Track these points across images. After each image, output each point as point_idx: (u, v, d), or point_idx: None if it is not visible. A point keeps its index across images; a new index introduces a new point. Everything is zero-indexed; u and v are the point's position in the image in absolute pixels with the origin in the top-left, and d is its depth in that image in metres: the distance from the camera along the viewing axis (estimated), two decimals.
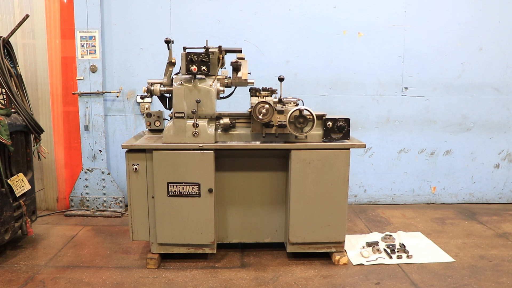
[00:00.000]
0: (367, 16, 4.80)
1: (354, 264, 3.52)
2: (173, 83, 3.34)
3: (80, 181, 4.80)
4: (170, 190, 3.31)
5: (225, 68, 3.54)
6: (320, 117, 3.41)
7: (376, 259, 3.58)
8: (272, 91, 3.44)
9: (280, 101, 3.43)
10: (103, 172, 4.79)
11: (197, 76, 3.35)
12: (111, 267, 3.47)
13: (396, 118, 5.02)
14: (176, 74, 3.48)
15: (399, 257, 3.61)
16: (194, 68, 3.26)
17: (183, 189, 3.31)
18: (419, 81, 4.96)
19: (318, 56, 4.85)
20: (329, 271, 3.40)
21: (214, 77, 3.35)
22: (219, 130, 3.41)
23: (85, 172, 4.79)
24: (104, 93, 4.68)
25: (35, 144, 4.01)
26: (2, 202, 3.45)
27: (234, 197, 3.58)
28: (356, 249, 3.75)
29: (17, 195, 3.64)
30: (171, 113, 3.42)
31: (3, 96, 3.88)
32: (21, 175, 3.73)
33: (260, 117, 3.25)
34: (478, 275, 3.36)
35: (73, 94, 4.65)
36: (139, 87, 4.74)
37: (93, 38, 4.58)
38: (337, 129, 3.37)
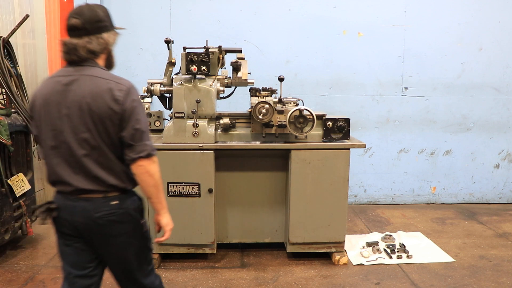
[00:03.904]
0: (367, 16, 4.80)
1: (354, 264, 3.52)
2: (173, 83, 3.34)
3: None
4: (170, 190, 3.31)
5: (225, 68, 3.54)
6: (320, 117, 3.41)
7: (376, 259, 3.58)
8: (272, 91, 3.44)
9: (280, 101, 3.43)
10: None
11: (197, 76, 3.35)
12: None
13: (396, 118, 5.02)
14: (176, 74, 3.48)
15: (399, 257, 3.61)
16: (194, 68, 3.26)
17: (183, 189, 3.31)
18: (419, 81, 4.96)
19: (318, 56, 4.85)
20: (329, 271, 3.40)
21: (214, 77, 3.35)
22: (219, 130, 3.41)
23: None
24: None
25: (35, 144, 4.01)
26: (2, 202, 3.45)
27: (234, 197, 3.57)
28: (356, 249, 3.75)
29: (17, 195, 3.64)
30: (171, 113, 3.42)
31: (3, 96, 3.88)
32: (21, 175, 3.73)
33: (260, 117, 3.25)
34: (478, 275, 3.36)
35: None
36: (139, 87, 4.65)
37: None
38: (337, 129, 3.37)
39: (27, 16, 4.13)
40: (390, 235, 4.01)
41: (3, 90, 3.82)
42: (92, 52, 1.88)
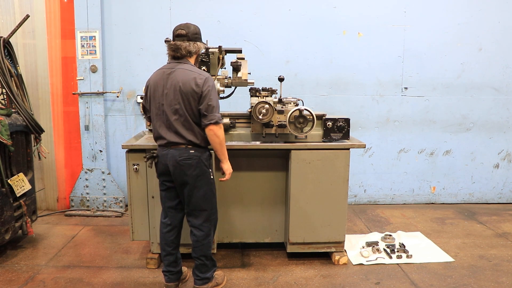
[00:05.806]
0: (367, 16, 4.80)
1: (354, 264, 3.52)
2: None
3: (80, 181, 4.80)
4: None
5: (225, 68, 3.54)
6: (320, 117, 3.41)
7: (376, 259, 3.59)
8: (272, 91, 3.44)
9: (280, 101, 3.43)
10: (103, 172, 4.80)
11: None
12: (111, 267, 3.47)
13: (396, 118, 5.02)
14: None
15: (399, 257, 3.61)
16: None
17: None
18: (419, 81, 4.96)
19: (318, 56, 4.85)
20: (329, 271, 3.40)
21: (214, 77, 3.36)
22: None
23: (85, 172, 4.80)
24: (104, 93, 4.68)
25: (35, 144, 4.02)
26: (2, 202, 3.46)
27: (234, 197, 3.58)
28: (356, 249, 3.76)
29: (18, 195, 3.65)
30: None
31: (3, 96, 3.89)
32: (21, 175, 3.73)
33: (260, 117, 3.25)
34: (478, 275, 3.36)
35: (73, 94, 4.65)
36: (139, 87, 4.74)
37: (93, 38, 4.59)
38: (337, 129, 3.38)
39: (27, 16, 4.13)
40: (390, 235, 4.01)
41: (4, 90, 3.83)
42: (189, 52, 2.82)
